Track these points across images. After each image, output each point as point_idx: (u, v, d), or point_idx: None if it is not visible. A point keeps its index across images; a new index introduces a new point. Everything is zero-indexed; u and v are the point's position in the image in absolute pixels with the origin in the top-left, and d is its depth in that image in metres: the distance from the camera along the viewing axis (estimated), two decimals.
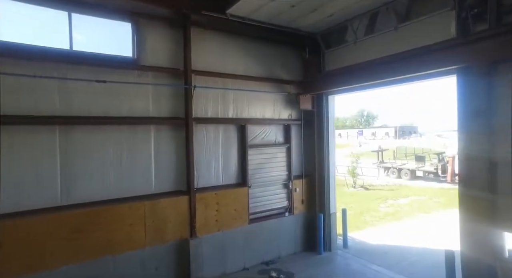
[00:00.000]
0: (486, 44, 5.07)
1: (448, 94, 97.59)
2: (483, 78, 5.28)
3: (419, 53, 5.88)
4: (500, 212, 5.13)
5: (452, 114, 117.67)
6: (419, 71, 6.00)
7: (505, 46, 4.85)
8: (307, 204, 8.81)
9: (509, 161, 5.01)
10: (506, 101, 5.05)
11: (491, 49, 5.04)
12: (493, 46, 5.01)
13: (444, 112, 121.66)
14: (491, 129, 5.19)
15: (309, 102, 8.57)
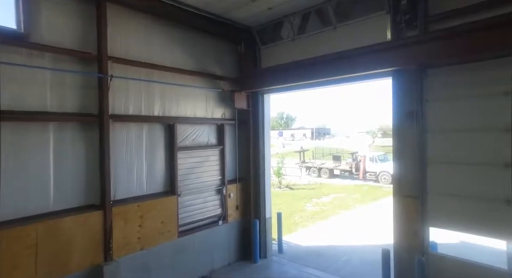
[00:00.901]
0: (416, 49, 5.24)
1: (356, 99, 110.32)
2: (415, 81, 5.50)
3: (357, 54, 5.84)
4: (429, 209, 5.39)
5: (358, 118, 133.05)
6: (356, 72, 5.99)
7: (432, 52, 5.07)
8: (242, 210, 8.24)
9: (437, 160, 5.30)
10: (435, 104, 5.34)
11: (420, 54, 5.20)
12: (422, 52, 5.19)
13: (352, 115, 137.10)
14: (423, 130, 5.42)
15: (244, 101, 8.02)
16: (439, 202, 5.26)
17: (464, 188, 5.02)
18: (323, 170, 25.83)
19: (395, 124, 5.82)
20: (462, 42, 4.75)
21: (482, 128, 4.88)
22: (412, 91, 5.53)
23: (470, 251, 6.55)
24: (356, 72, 5.97)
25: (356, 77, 6.26)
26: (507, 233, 4.63)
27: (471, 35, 4.67)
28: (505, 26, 4.36)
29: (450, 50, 4.87)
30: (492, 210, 4.76)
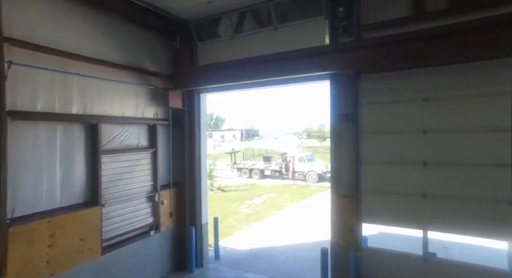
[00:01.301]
0: (351, 55, 5.51)
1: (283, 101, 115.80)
2: (350, 85, 5.78)
3: (297, 55, 5.87)
4: (362, 206, 5.71)
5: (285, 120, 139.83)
6: (296, 74, 6.02)
7: (364, 58, 5.40)
8: (176, 217, 7.62)
9: (369, 161, 5.65)
10: (368, 107, 5.69)
11: (355, 59, 5.49)
12: (356, 58, 5.48)
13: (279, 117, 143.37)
14: (357, 132, 5.73)
15: (179, 100, 7.45)
16: (371, 200, 5.62)
17: (391, 186, 5.46)
18: (254, 171, 26.22)
19: (332, 126, 6.04)
20: (389, 52, 5.14)
21: (405, 130, 5.37)
22: (348, 94, 5.81)
23: (388, 241, 7.16)
24: (295, 74, 6.01)
25: (295, 79, 6.32)
26: (424, 223, 5.18)
27: (397, 45, 5.08)
28: (424, 40, 4.83)
29: (379, 58, 5.22)
30: (411, 204, 5.27)
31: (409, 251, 5.37)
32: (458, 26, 4.65)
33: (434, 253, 5.12)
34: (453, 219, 4.95)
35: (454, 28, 4.65)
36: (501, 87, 4.66)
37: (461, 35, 4.59)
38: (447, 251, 7.02)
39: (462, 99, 4.91)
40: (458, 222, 4.92)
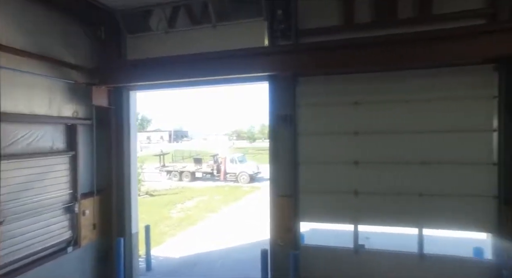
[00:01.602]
0: (289, 58, 5.60)
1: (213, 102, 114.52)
2: (288, 87, 5.92)
3: (236, 55, 5.73)
4: (300, 206, 5.90)
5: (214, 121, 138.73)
6: (234, 74, 5.88)
7: (301, 62, 5.55)
8: (101, 228, 6.76)
9: (306, 161, 5.86)
10: (305, 109, 5.90)
11: (292, 62, 5.61)
12: (293, 61, 5.60)
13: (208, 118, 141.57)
14: (295, 133, 5.89)
15: (105, 97, 6.64)
16: (309, 199, 5.84)
17: (327, 184, 5.76)
18: (185, 173, 25.28)
19: (271, 127, 6.10)
20: (324, 57, 5.37)
21: (339, 132, 5.73)
22: (286, 96, 5.93)
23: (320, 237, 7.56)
24: (233, 74, 5.88)
25: (233, 79, 6.20)
26: (355, 218, 5.60)
27: (330, 52, 5.32)
28: (354, 49, 5.15)
29: (315, 62, 5.41)
30: (345, 201, 5.65)
31: (340, 245, 5.73)
32: (381, 38, 5.12)
33: (363, 245, 5.57)
34: (381, 213, 5.45)
35: (377, 40, 5.10)
36: (418, 95, 5.31)
37: (383, 46, 5.04)
38: (369, 241, 7.72)
39: (389, 103, 5.45)
40: (386, 215, 5.44)
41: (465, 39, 4.66)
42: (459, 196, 5.12)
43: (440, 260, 5.25)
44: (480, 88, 5.10)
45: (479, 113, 5.10)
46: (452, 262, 5.21)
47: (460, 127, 5.15)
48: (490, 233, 5.09)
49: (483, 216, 5.04)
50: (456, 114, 5.19)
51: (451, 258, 5.27)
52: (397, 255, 5.42)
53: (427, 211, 5.25)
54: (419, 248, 5.31)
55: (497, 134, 4.99)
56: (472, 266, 5.16)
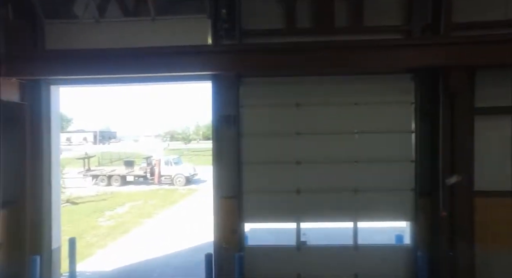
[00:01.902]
0: (233, 58, 5.57)
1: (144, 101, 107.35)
2: (232, 88, 5.85)
3: (177, 52, 5.46)
4: (244, 207, 5.88)
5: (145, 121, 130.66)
6: (175, 71, 5.59)
7: (245, 62, 5.56)
8: (9, 248, 5.74)
9: (250, 161, 5.88)
10: (248, 110, 5.90)
11: (236, 62, 5.58)
12: (237, 61, 5.57)
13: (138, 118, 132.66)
14: (239, 133, 5.85)
15: (16, 91, 5.69)
16: (253, 199, 5.86)
17: (270, 184, 5.86)
18: (114, 178, 23.25)
19: (214, 127, 5.97)
20: (267, 58, 5.46)
21: (282, 132, 5.88)
22: (229, 96, 5.86)
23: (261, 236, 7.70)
24: (174, 71, 5.59)
25: (174, 78, 5.90)
26: (297, 216, 5.80)
27: (273, 54, 5.45)
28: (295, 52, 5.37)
29: (259, 63, 5.47)
30: (288, 200, 5.83)
31: (283, 243, 5.90)
32: (320, 44, 5.44)
33: (305, 241, 5.81)
34: (321, 210, 5.75)
35: (317, 45, 5.39)
36: (352, 98, 5.75)
37: (321, 51, 5.33)
38: (305, 237, 8.11)
39: (327, 106, 5.79)
40: (325, 211, 5.76)
41: (388, 50, 5.22)
42: (386, 191, 5.70)
43: (370, 249, 5.78)
44: (401, 94, 5.77)
45: (401, 117, 5.78)
46: (380, 250, 5.80)
47: (386, 128, 5.74)
48: (409, 221, 5.78)
49: (404, 207, 5.72)
50: (382, 117, 5.77)
51: (379, 246, 5.88)
52: (336, 248, 5.80)
53: (361, 205, 5.72)
54: (354, 240, 5.76)
55: (414, 135, 5.70)
56: (395, 251, 5.81)
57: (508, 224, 5.30)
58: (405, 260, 5.69)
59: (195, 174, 23.37)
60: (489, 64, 5.07)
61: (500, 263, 5.38)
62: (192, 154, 36.20)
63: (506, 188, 5.38)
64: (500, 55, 4.90)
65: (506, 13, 5.48)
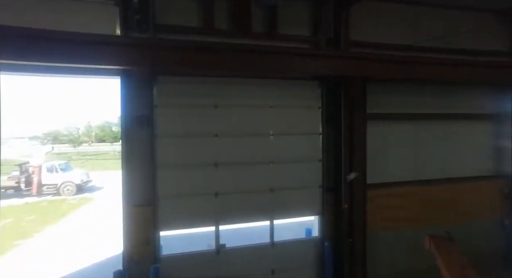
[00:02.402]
0: (147, 53, 5.06)
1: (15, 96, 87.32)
2: (146, 86, 5.36)
3: (80, 40, 4.63)
4: (160, 214, 5.44)
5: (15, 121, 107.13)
6: (76, 62, 4.70)
7: (159, 59, 5.12)
8: None
9: (166, 165, 5.48)
10: (164, 110, 5.49)
11: (150, 58, 5.08)
12: (151, 56, 5.09)
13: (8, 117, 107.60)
14: (153, 135, 5.38)
15: None
16: (169, 206, 5.47)
17: (188, 188, 5.59)
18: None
19: (124, 129, 5.35)
20: (183, 56, 5.15)
21: (200, 134, 5.68)
22: (142, 95, 5.34)
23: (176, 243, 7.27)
24: (75, 62, 4.73)
25: (75, 70, 5.03)
26: (216, 219, 5.69)
27: (190, 52, 5.16)
28: (212, 52, 5.18)
29: (174, 61, 5.09)
30: (206, 204, 5.67)
31: (202, 249, 5.71)
32: (239, 46, 5.48)
33: (224, 244, 5.74)
34: (240, 211, 5.79)
35: (235, 47, 5.39)
36: (268, 102, 6.00)
37: (239, 54, 5.35)
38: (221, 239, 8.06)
39: (244, 108, 5.88)
40: (244, 212, 5.81)
41: (298, 58, 5.60)
42: (299, 189, 6.15)
43: (285, 245, 6.12)
44: (310, 100, 6.31)
45: (310, 120, 6.32)
46: (293, 244, 6.21)
47: (298, 131, 6.20)
48: (317, 216, 6.37)
49: (314, 203, 6.27)
50: (295, 120, 6.21)
51: (292, 241, 6.28)
52: (254, 247, 5.93)
53: (276, 204, 6.00)
54: (270, 238, 6.00)
55: (321, 137, 6.33)
56: (306, 244, 6.30)
57: (392, 209, 6.42)
58: (315, 250, 6.25)
59: (89, 181, 20.54)
60: (379, 77, 6.03)
61: (386, 242, 6.47)
62: (84, 158, 31.61)
63: (390, 180, 6.54)
64: (388, 71, 5.90)
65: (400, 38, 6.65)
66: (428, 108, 7.00)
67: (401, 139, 6.84)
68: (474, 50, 7.19)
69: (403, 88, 6.68)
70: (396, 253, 6.57)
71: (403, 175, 6.75)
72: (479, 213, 7.25)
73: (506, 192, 7.59)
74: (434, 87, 7.00)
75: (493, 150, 7.59)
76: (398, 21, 6.70)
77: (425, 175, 6.92)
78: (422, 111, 6.94)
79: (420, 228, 6.68)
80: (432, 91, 6.98)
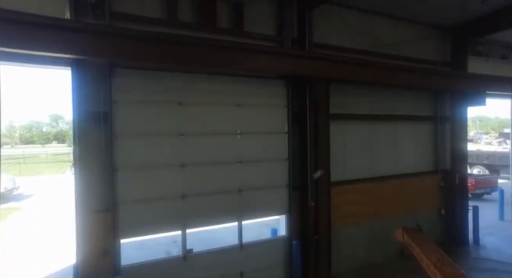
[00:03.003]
0: (104, 41, 4.50)
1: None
2: (103, 78, 4.81)
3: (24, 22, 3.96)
4: (120, 220, 4.93)
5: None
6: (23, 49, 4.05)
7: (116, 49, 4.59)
8: None
9: (128, 166, 4.99)
10: (124, 106, 5.00)
11: (105, 47, 4.51)
12: (107, 45, 4.54)
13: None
14: (112, 134, 4.86)
15: None
16: (131, 211, 4.99)
17: (152, 191, 5.16)
18: None
19: (77, 126, 4.74)
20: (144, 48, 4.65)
21: (163, 133, 5.30)
22: (98, 89, 4.78)
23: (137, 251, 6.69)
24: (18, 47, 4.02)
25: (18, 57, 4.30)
26: (183, 223, 5.35)
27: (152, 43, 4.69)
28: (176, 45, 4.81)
29: (134, 52, 4.60)
30: (173, 207, 5.30)
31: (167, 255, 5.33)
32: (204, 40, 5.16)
33: (191, 249, 5.42)
34: (207, 213, 5.52)
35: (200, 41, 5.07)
36: (236, 99, 5.85)
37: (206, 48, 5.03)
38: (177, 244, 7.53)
39: (211, 105, 5.63)
40: (211, 214, 5.56)
41: (265, 55, 5.49)
42: (267, 188, 6.10)
43: (254, 246, 6.02)
44: (277, 98, 6.32)
45: (277, 119, 6.32)
46: (262, 244, 6.15)
47: (265, 130, 6.15)
48: (284, 215, 6.39)
49: (281, 202, 6.28)
50: (262, 119, 6.15)
51: (260, 241, 6.21)
52: (222, 250, 5.71)
53: (245, 204, 5.87)
54: (239, 240, 5.84)
55: (287, 136, 6.37)
56: (274, 244, 6.26)
57: (352, 205, 6.75)
58: (283, 249, 6.26)
59: (15, 188, 17.99)
60: (342, 79, 6.27)
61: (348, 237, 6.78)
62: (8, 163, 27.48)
63: (350, 177, 6.88)
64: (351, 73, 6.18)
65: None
66: (380, 109, 7.54)
67: (358, 138, 7.24)
68: (418, 58, 7.94)
69: (359, 91, 7.10)
70: (357, 246, 6.93)
71: (361, 172, 7.15)
72: (423, 205, 8.03)
73: (442, 185, 8.55)
74: (386, 90, 7.54)
75: (432, 148, 8.48)
76: (355, 27, 7.07)
77: (379, 172, 7.42)
78: (375, 113, 7.44)
79: (377, 221, 7.18)
80: (384, 94, 7.52)
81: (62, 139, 66.13)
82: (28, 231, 11.35)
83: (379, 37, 7.35)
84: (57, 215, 13.54)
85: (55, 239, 9.97)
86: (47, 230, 11.29)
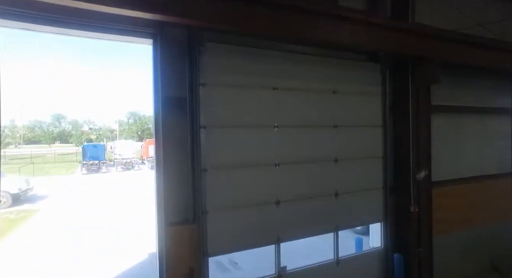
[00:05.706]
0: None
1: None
2: (189, 56, 3.81)
3: None
4: (208, 233, 3.92)
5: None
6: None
7: (210, 9, 3.59)
8: None
9: (217, 166, 4.00)
10: (212, 90, 4.00)
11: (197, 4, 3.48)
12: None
13: None
14: (198, 125, 3.87)
15: None
16: (221, 221, 4.00)
17: (244, 196, 4.17)
18: None
19: (157, 115, 3.76)
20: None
21: (257, 123, 4.29)
22: (183, 68, 3.79)
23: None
24: None
25: (90, 26, 3.32)
26: (277, 236, 4.34)
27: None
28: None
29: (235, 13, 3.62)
30: (265, 216, 4.31)
31: (257, 275, 4.33)
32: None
33: (285, 266, 4.44)
34: (302, 223, 4.53)
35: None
36: (327, 85, 4.84)
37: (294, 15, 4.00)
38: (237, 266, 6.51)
39: (304, 92, 4.63)
40: (306, 224, 4.57)
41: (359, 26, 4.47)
42: (362, 191, 5.10)
43: (350, 261, 5.01)
44: (372, 85, 5.26)
45: (372, 109, 5.27)
46: (359, 259, 5.14)
47: (360, 122, 5.15)
48: (380, 222, 5.40)
49: (377, 207, 5.29)
50: (357, 109, 5.13)
51: (358, 255, 5.21)
52: (318, 267, 4.69)
53: (341, 211, 4.89)
54: (335, 254, 4.84)
55: (382, 129, 5.36)
56: (371, 257, 5.24)
57: (447, 208, 5.70)
58: (378, 264, 5.26)
59: (29, 189, 16.99)
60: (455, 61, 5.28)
61: (448, 246, 5.76)
62: (17, 163, 26.39)
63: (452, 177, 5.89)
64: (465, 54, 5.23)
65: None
66: (485, 102, 6.51)
67: (463, 133, 6.25)
68: None
69: (461, 79, 6.07)
70: (458, 257, 5.92)
71: (464, 171, 6.15)
72: None
73: None
74: (491, 80, 6.51)
75: None
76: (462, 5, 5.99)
77: (482, 171, 6.39)
78: (480, 105, 6.43)
79: (472, 229, 6.17)
80: (488, 85, 6.50)
81: (65, 138, 65.17)
82: (53, 237, 10.35)
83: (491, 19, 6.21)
84: (80, 216, 12.77)
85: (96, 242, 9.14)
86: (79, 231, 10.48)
